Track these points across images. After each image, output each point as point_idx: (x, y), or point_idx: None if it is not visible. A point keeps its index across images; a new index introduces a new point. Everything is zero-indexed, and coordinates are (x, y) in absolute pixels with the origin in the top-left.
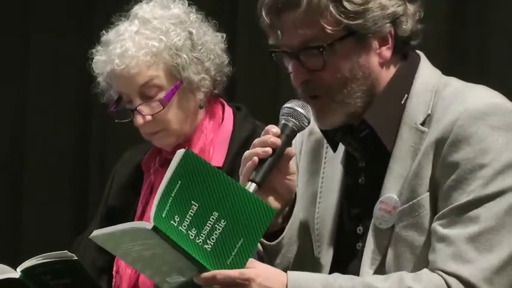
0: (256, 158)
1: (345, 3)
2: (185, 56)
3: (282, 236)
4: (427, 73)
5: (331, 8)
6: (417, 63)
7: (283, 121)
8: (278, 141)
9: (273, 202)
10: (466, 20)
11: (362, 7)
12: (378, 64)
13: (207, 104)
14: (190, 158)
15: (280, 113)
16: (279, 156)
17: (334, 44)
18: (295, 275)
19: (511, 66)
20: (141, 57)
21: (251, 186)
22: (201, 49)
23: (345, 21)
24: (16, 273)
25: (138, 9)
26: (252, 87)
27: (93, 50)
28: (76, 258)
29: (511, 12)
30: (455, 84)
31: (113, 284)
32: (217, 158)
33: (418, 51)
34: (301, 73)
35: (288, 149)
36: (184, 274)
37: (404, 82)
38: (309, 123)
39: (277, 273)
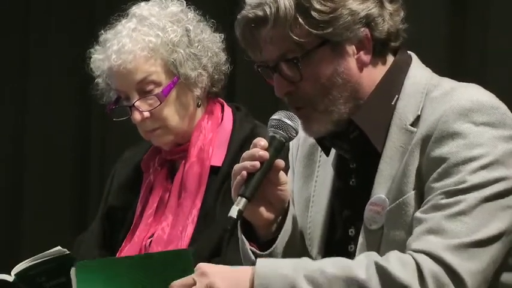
0: (244, 173)
1: (313, 13)
2: (182, 51)
3: (274, 245)
4: (417, 74)
5: (300, 20)
6: (408, 64)
7: (270, 133)
8: (266, 154)
9: (265, 213)
10: (466, 20)
11: (330, 15)
12: (357, 69)
13: (206, 104)
14: (82, 267)
15: (268, 125)
16: (268, 169)
17: (308, 54)
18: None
19: (510, 66)
20: (138, 51)
21: (241, 201)
22: (197, 46)
23: (315, 31)
24: (10, 277)
25: (136, 9)
26: (252, 87)
27: (91, 50)
28: (68, 252)
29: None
30: (445, 85)
31: None
32: (216, 157)
33: (409, 52)
34: (283, 86)
35: (277, 161)
36: None
37: (394, 83)
38: (296, 133)
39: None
